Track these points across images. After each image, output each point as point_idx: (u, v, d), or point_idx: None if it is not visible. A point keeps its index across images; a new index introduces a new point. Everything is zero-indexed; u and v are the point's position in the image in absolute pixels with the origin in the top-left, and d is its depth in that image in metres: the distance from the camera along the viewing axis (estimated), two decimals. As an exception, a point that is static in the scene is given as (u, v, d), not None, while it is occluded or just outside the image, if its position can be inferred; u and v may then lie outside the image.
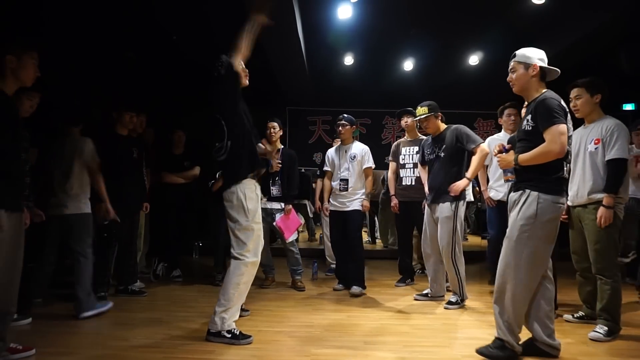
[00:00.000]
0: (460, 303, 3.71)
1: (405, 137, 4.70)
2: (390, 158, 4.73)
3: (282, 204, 4.37)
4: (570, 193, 3.19)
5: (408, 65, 6.32)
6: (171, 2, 4.54)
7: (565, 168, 2.52)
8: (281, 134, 4.53)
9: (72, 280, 3.30)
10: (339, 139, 5.16)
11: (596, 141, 3.06)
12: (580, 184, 3.12)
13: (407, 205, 4.41)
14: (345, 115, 4.38)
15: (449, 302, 3.72)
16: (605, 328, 2.96)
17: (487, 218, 4.31)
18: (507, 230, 2.58)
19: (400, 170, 4.56)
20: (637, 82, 5.72)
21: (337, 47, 5.83)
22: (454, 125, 3.80)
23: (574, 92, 3.15)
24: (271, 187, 4.33)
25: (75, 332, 2.93)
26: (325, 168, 4.55)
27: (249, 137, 2.88)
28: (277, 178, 4.37)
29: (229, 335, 2.72)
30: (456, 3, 4.74)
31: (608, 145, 3.00)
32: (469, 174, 3.62)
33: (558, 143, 2.39)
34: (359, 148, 4.35)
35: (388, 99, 7.22)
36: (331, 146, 5.37)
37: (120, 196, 3.74)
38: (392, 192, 4.63)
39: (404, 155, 4.53)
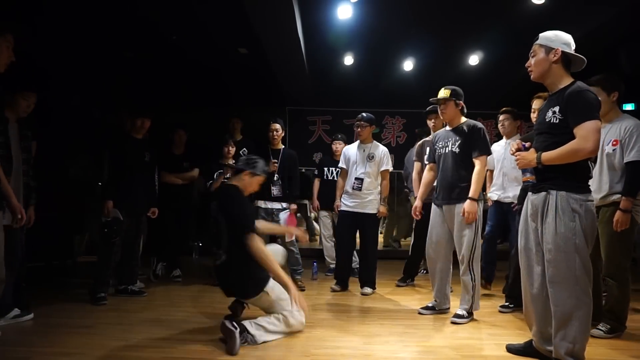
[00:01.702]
0: (469, 316, 3.33)
1: (430, 136, 4.53)
2: (414, 158, 4.55)
3: (283, 204, 4.37)
4: None
5: (408, 65, 6.31)
6: (171, 2, 4.54)
7: (590, 165, 2.34)
8: (283, 135, 4.53)
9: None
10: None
11: (614, 142, 2.92)
12: (596, 186, 2.99)
13: (429, 206, 4.04)
14: (365, 114, 4.28)
15: (457, 316, 3.32)
16: (608, 326, 2.96)
17: (488, 215, 4.21)
18: (548, 243, 2.29)
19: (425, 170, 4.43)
20: (637, 82, 5.71)
21: (337, 47, 5.83)
22: (474, 122, 3.39)
23: None
24: (272, 187, 4.32)
25: (75, 332, 2.92)
26: (341, 165, 4.41)
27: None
28: (277, 178, 4.37)
29: None
30: (456, 3, 4.73)
31: (627, 147, 2.87)
32: (471, 193, 3.22)
33: (591, 141, 2.16)
34: (378, 149, 4.27)
35: (388, 99, 7.22)
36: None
37: (128, 196, 3.81)
38: (416, 192, 4.34)
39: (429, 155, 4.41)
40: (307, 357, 2.58)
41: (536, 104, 3.48)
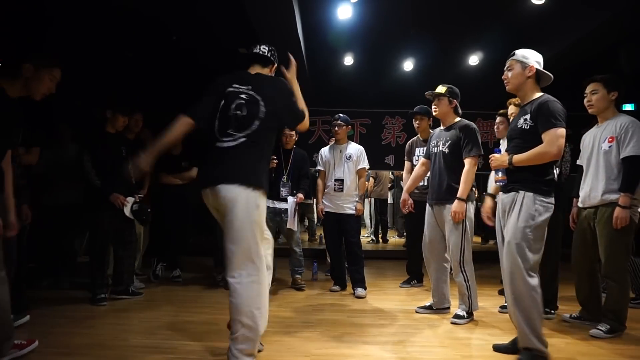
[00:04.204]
0: (469, 317, 3.31)
1: (418, 136, 4.58)
2: (405, 158, 4.60)
3: (290, 198, 4.38)
4: (581, 194, 3.15)
5: (408, 65, 6.32)
6: (171, 2, 4.54)
7: (554, 171, 2.53)
8: (296, 139, 4.53)
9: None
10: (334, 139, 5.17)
11: (610, 139, 2.96)
12: (593, 185, 3.03)
13: (420, 205, 3.97)
14: (341, 115, 4.33)
15: (456, 316, 3.31)
16: (608, 326, 2.96)
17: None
18: (507, 235, 2.51)
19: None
20: (637, 82, 5.71)
21: (337, 47, 5.83)
22: (466, 122, 3.39)
23: (590, 87, 3.06)
24: (281, 189, 4.32)
25: (75, 333, 2.92)
26: (319, 168, 4.45)
27: None
28: (288, 180, 4.37)
29: None
30: (456, 3, 4.74)
31: (623, 143, 2.91)
32: (459, 193, 3.22)
33: (556, 145, 2.41)
34: (354, 148, 4.32)
35: (388, 99, 7.21)
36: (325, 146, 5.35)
37: (108, 194, 3.74)
38: (405, 189, 4.53)
39: (417, 155, 4.41)
40: (307, 357, 2.58)
41: (511, 109, 3.64)
